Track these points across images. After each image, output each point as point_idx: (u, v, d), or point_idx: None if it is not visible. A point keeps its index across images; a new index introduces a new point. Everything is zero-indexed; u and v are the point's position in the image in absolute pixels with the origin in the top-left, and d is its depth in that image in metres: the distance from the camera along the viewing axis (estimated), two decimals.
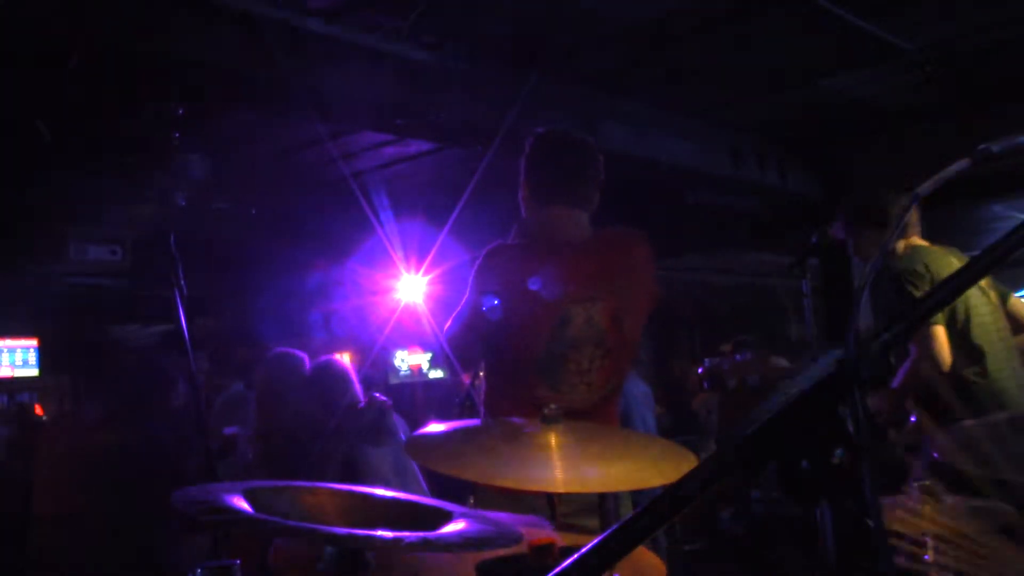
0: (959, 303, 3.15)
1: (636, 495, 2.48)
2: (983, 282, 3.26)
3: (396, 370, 9.09)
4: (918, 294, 3.13)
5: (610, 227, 2.65)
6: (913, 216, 3.31)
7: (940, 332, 3.14)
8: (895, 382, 3.42)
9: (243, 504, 1.34)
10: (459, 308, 2.51)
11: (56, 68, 3.07)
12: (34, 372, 8.27)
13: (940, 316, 3.11)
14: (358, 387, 3.98)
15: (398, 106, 3.87)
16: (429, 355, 9.29)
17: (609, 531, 0.72)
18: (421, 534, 1.33)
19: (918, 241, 3.35)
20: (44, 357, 8.26)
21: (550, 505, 1.83)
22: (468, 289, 2.50)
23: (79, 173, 4.53)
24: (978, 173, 1.44)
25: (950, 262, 3.25)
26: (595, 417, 2.42)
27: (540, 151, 2.61)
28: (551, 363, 2.41)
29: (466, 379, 4.25)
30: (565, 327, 2.42)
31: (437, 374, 9.27)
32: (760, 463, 0.72)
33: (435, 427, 1.80)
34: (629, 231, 2.66)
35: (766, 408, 0.72)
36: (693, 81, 4.58)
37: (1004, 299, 3.35)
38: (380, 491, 1.64)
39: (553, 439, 1.60)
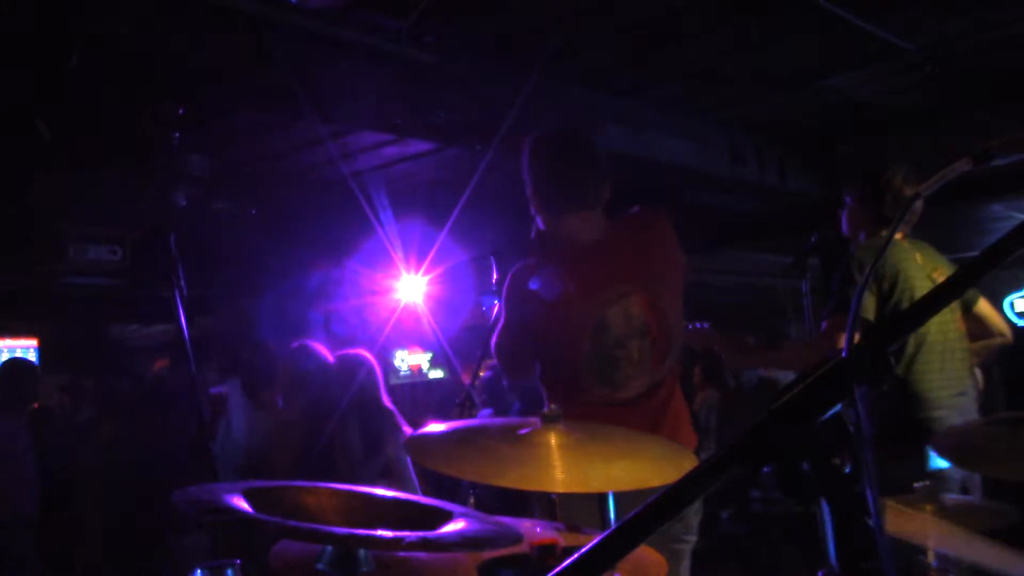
0: (890, 283, 3.11)
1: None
2: (939, 276, 3.22)
3: (396, 370, 9.10)
4: (852, 280, 3.14)
5: (623, 214, 2.64)
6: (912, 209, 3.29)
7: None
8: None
9: (243, 504, 1.34)
10: (500, 325, 2.53)
11: (56, 68, 3.07)
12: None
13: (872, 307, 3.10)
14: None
15: (398, 106, 3.87)
16: (429, 355, 9.29)
17: (609, 531, 0.72)
18: (421, 534, 1.33)
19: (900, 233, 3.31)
20: (44, 357, 8.26)
21: (550, 505, 1.83)
22: (501, 308, 2.52)
23: (79, 173, 4.53)
24: (978, 173, 1.44)
25: (913, 258, 3.21)
26: (655, 397, 2.46)
27: (540, 160, 2.57)
28: (603, 365, 2.42)
29: (466, 379, 4.28)
30: (605, 331, 2.42)
31: (437, 374, 9.27)
32: (760, 463, 0.72)
33: (435, 427, 1.81)
34: (641, 212, 2.64)
35: (766, 407, 0.72)
36: (693, 81, 4.58)
37: (970, 301, 3.28)
38: (380, 491, 1.64)
39: (553, 439, 1.60)
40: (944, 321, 3.17)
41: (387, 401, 4.48)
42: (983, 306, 3.33)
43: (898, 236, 3.26)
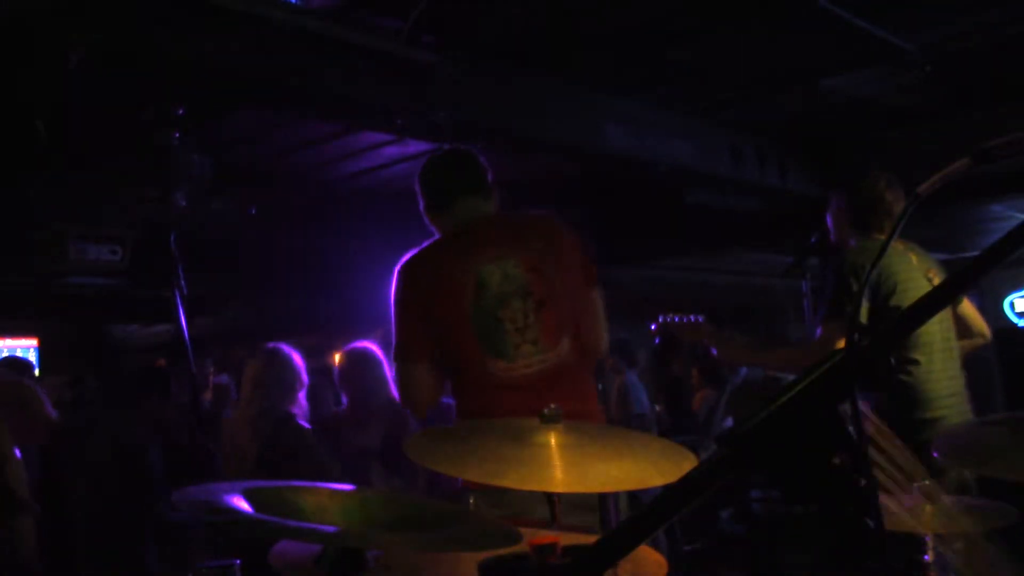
0: (889, 287, 3.12)
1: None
2: (934, 275, 3.23)
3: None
4: (854, 288, 3.14)
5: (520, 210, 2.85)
6: (893, 208, 3.30)
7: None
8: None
9: (243, 504, 1.34)
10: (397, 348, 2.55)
11: (56, 68, 3.07)
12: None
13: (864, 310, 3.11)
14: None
15: (398, 106, 3.87)
16: None
17: (609, 531, 0.72)
18: (421, 534, 1.33)
19: (880, 236, 3.32)
20: (44, 357, 8.26)
21: (550, 505, 1.83)
22: (395, 316, 2.56)
23: (79, 173, 4.53)
24: (978, 173, 1.44)
25: (908, 260, 3.22)
26: (564, 384, 2.46)
27: (426, 164, 2.85)
28: (487, 330, 2.46)
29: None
30: (484, 288, 2.49)
31: None
32: (759, 462, 0.72)
33: (435, 427, 1.81)
34: (540, 213, 2.78)
35: (766, 407, 0.72)
36: (693, 81, 4.58)
37: (956, 301, 3.28)
38: (380, 491, 1.64)
39: (553, 439, 1.60)
40: (943, 319, 3.17)
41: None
42: (966, 306, 3.34)
43: (884, 237, 3.27)
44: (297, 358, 4.16)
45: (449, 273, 2.51)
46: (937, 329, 3.16)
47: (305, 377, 4.22)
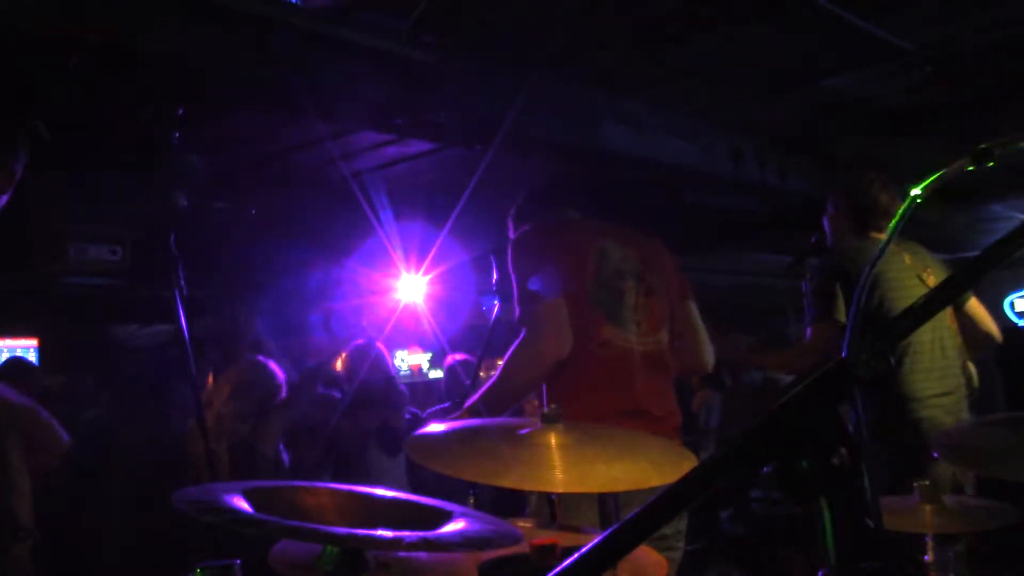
0: (883, 298, 3.14)
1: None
2: (928, 275, 3.24)
3: (396, 370, 9.08)
4: (832, 291, 3.17)
5: None
6: (889, 209, 3.31)
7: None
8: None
9: (243, 504, 1.34)
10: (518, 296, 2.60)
11: (56, 68, 3.07)
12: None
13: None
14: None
15: (398, 106, 3.87)
16: (429, 355, 9.29)
17: (609, 531, 0.72)
18: (421, 534, 1.33)
19: (877, 236, 3.32)
20: (44, 357, 8.25)
21: (550, 505, 1.84)
22: (522, 274, 2.62)
23: (79, 173, 4.53)
24: (978, 173, 1.44)
25: (899, 260, 3.22)
26: (665, 375, 2.63)
27: (531, 188, 3.07)
28: (607, 298, 2.57)
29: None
30: (607, 261, 2.62)
31: (437, 374, 9.26)
32: (760, 462, 0.72)
33: (435, 427, 1.81)
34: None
35: (767, 407, 0.72)
36: (693, 81, 4.58)
37: (962, 300, 3.27)
38: (380, 491, 1.64)
39: (553, 439, 1.60)
40: (936, 318, 3.17)
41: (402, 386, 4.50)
42: (974, 305, 3.33)
43: (881, 236, 3.27)
44: (281, 377, 4.22)
45: (572, 241, 2.67)
46: (926, 328, 3.15)
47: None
